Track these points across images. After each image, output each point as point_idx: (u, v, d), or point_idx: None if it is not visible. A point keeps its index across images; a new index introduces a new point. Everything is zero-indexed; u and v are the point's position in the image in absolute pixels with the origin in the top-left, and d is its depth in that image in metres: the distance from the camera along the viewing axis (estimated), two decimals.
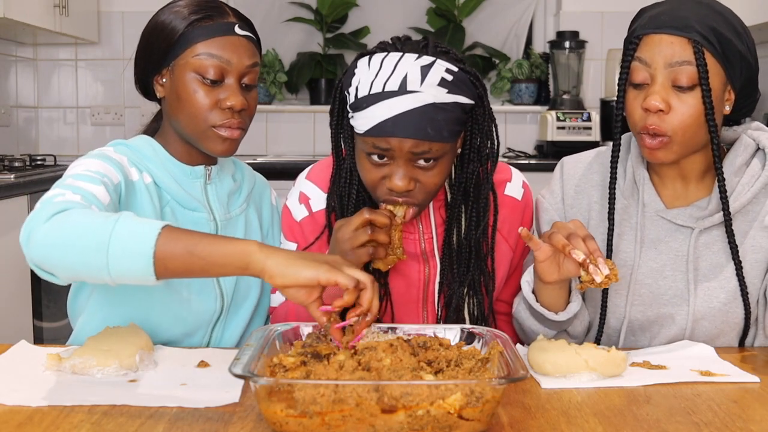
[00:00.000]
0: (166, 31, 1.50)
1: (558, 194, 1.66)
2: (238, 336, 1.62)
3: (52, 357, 1.33)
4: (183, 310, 1.54)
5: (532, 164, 3.83)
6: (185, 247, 1.18)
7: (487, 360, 1.18)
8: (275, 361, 1.16)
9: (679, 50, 1.41)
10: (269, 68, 4.27)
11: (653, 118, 1.43)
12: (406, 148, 1.42)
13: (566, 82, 4.14)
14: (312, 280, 1.17)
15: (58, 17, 3.68)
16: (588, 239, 1.37)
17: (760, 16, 3.19)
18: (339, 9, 4.32)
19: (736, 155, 1.52)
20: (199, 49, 1.47)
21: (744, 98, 1.50)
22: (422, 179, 1.46)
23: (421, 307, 1.62)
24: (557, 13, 4.33)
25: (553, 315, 1.49)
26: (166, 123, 1.57)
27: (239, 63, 1.49)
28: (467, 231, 1.57)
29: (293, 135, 4.37)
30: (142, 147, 1.54)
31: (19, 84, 4.21)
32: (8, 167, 3.30)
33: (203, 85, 1.48)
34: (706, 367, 1.37)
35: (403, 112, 1.40)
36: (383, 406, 1.03)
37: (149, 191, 1.50)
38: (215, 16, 1.50)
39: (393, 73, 1.43)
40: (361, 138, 1.47)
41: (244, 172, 1.70)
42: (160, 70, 1.52)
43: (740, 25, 1.46)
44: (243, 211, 1.64)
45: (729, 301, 1.52)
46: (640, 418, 1.15)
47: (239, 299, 1.61)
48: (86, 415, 1.14)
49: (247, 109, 1.52)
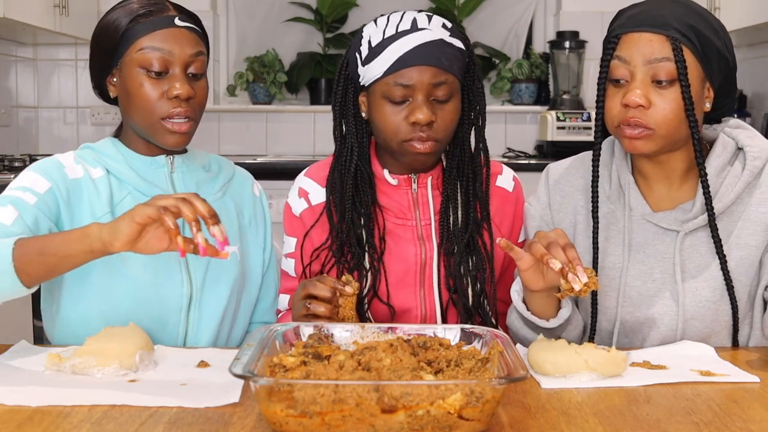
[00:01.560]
0: (110, 31, 1.56)
1: (544, 201, 1.69)
2: (217, 321, 1.62)
3: (52, 357, 1.33)
4: (150, 297, 1.56)
5: (532, 164, 3.82)
6: (36, 249, 1.31)
7: (487, 360, 1.18)
8: (275, 361, 1.16)
9: (658, 47, 1.44)
10: (269, 68, 4.27)
11: (633, 112, 1.46)
12: (426, 80, 1.53)
13: (566, 82, 4.13)
14: (131, 229, 1.25)
15: (58, 17, 3.68)
16: (568, 248, 1.37)
17: (760, 16, 3.19)
18: (339, 9, 4.32)
19: (716, 156, 1.54)
20: (142, 43, 1.53)
21: (723, 97, 1.52)
22: (440, 115, 1.56)
23: (419, 289, 1.64)
24: (557, 13, 4.33)
25: (544, 322, 1.50)
26: (124, 123, 1.63)
27: (182, 53, 1.54)
28: (463, 198, 1.65)
29: (293, 135, 4.37)
30: (104, 146, 1.62)
31: (19, 84, 4.21)
32: (8, 167, 3.31)
33: (149, 78, 1.53)
34: (706, 367, 1.37)
35: (419, 44, 1.54)
36: (383, 406, 1.02)
37: (96, 185, 1.56)
38: (155, 11, 1.55)
39: (402, 19, 1.57)
40: (381, 82, 1.56)
41: (222, 163, 1.73)
42: (111, 71, 1.58)
43: (717, 23, 1.50)
44: (217, 199, 1.65)
45: (717, 299, 1.53)
46: (640, 418, 1.15)
47: (211, 282, 1.62)
48: (86, 415, 1.14)
49: (195, 97, 1.56)
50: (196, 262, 1.59)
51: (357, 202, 1.64)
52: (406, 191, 1.66)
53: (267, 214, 1.76)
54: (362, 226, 1.63)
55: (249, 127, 4.35)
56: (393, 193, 1.66)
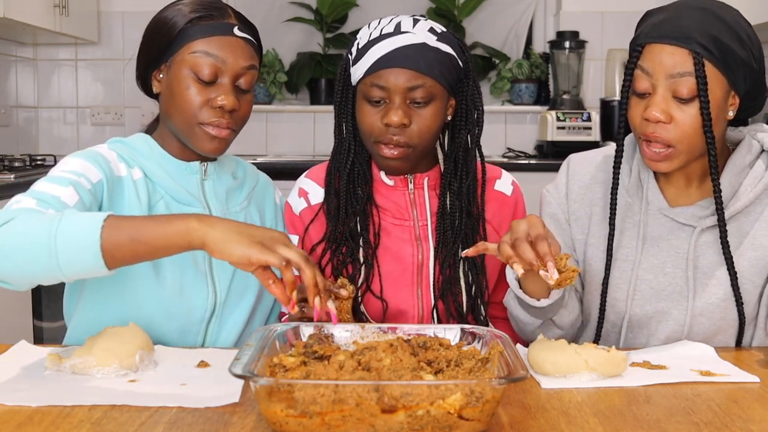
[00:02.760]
0: (166, 27, 1.52)
1: (563, 190, 1.68)
2: (235, 336, 1.61)
3: (52, 357, 1.33)
4: (174, 306, 1.53)
5: (532, 164, 3.83)
6: (129, 234, 1.23)
7: (487, 360, 1.18)
8: (275, 361, 1.16)
9: (680, 61, 1.42)
10: (269, 68, 4.27)
11: (654, 127, 1.45)
12: (401, 83, 1.54)
13: (566, 82, 4.14)
14: (243, 258, 1.21)
15: (58, 17, 3.68)
16: (538, 241, 1.33)
17: (760, 15, 3.18)
18: (339, 9, 4.32)
19: (739, 156, 1.54)
20: (197, 46, 1.49)
21: (750, 100, 1.50)
22: (416, 119, 1.56)
23: (416, 290, 1.65)
24: (557, 13, 4.33)
25: (534, 301, 1.48)
26: (162, 121, 1.59)
27: (235, 63, 1.50)
28: (458, 194, 1.64)
29: (293, 135, 4.37)
30: (138, 143, 1.57)
31: (19, 84, 4.22)
32: (8, 167, 3.30)
33: (197, 82, 1.50)
34: (706, 367, 1.37)
35: (398, 47, 1.55)
36: (383, 406, 1.02)
37: (137, 187, 1.52)
38: (216, 15, 1.52)
39: (389, 22, 1.59)
40: (362, 83, 1.58)
41: (247, 170, 1.72)
42: (159, 66, 1.54)
43: (744, 29, 1.47)
44: (243, 208, 1.65)
45: (726, 298, 1.53)
46: (640, 418, 1.15)
47: (235, 297, 1.60)
48: (86, 415, 1.14)
49: (239, 110, 1.53)
50: (221, 275, 1.57)
51: (352, 198, 1.65)
52: (403, 192, 1.67)
53: (283, 221, 1.74)
54: (356, 222, 1.64)
55: (249, 127, 4.31)
56: (390, 194, 1.67)
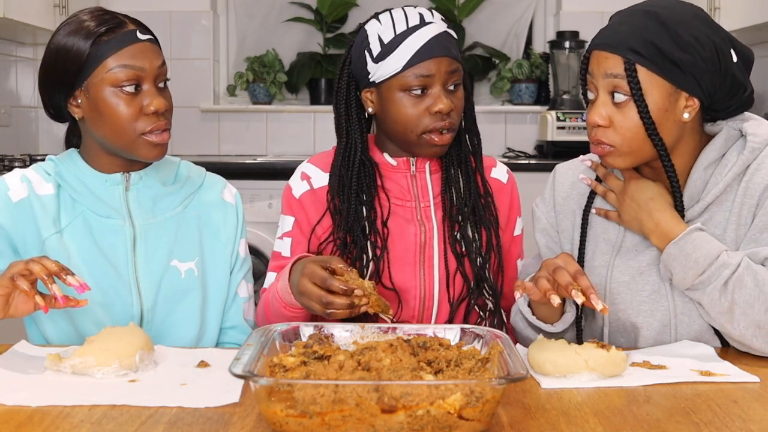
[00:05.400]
0: (70, 55, 1.52)
1: (549, 202, 1.71)
2: (193, 335, 1.62)
3: (52, 357, 1.33)
4: (98, 314, 1.56)
5: (532, 164, 3.82)
6: None
7: (487, 360, 1.18)
8: (275, 361, 1.16)
9: (612, 65, 1.46)
10: (269, 68, 4.27)
11: (596, 131, 1.50)
12: (443, 69, 1.61)
13: (566, 82, 4.13)
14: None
15: (58, 17, 3.68)
16: (579, 276, 1.38)
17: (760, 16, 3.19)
18: (339, 9, 4.32)
19: (713, 149, 1.52)
20: (110, 63, 1.51)
21: (727, 98, 1.49)
22: (455, 102, 1.64)
23: (418, 269, 1.67)
24: (557, 13, 4.32)
25: (549, 327, 1.53)
26: (87, 139, 1.61)
27: (151, 66, 1.54)
28: (464, 173, 1.70)
29: (293, 135, 4.37)
30: (64, 159, 1.62)
31: (19, 84, 4.21)
32: (8, 167, 3.30)
33: (123, 96, 1.52)
34: (706, 367, 1.37)
35: (432, 36, 1.61)
36: (383, 406, 1.03)
37: (43, 203, 1.57)
38: (115, 27, 1.53)
39: (408, 15, 1.64)
40: (399, 76, 1.61)
41: (191, 172, 1.72)
42: (72, 93, 1.55)
43: (692, 33, 1.43)
44: (177, 214, 1.65)
45: None
46: (640, 418, 1.15)
47: (169, 301, 1.61)
48: (86, 415, 1.14)
49: (169, 108, 1.57)
50: (146, 283, 1.59)
51: (361, 189, 1.67)
52: (405, 173, 1.70)
53: (241, 217, 1.74)
54: (365, 216, 1.66)
55: (249, 127, 4.35)
56: (392, 175, 1.70)
